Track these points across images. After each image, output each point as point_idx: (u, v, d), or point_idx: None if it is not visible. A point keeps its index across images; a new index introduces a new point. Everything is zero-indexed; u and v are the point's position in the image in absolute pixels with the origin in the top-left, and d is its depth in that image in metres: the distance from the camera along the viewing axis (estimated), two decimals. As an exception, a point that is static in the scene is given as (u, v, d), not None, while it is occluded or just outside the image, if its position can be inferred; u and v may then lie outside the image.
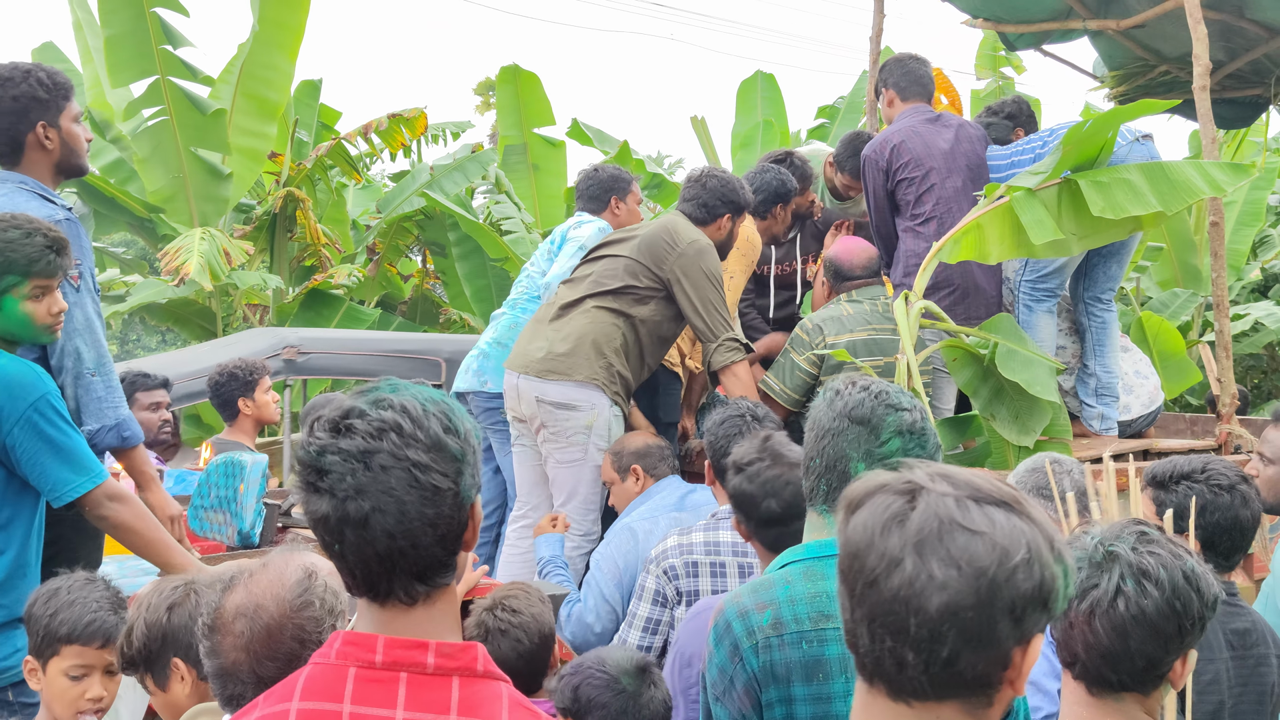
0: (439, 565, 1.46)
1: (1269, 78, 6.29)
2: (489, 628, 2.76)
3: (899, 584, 1.21)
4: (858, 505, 1.29)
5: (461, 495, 1.45)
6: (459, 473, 1.44)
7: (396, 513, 1.41)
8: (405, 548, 1.42)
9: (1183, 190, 4.06)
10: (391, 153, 11.57)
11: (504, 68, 12.41)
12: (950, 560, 1.20)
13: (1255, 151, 11.35)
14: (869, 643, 1.25)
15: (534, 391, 4.21)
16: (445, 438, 1.44)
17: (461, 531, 1.47)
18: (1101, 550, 1.83)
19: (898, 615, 1.21)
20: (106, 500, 2.91)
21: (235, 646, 1.85)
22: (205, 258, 9.06)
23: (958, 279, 4.60)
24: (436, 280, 13.03)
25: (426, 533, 1.43)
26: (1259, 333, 11.87)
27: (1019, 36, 6.72)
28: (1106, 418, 4.89)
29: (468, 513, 1.47)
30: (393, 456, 1.41)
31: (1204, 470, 2.62)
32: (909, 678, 1.24)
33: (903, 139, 4.67)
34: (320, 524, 1.44)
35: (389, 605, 1.47)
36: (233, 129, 10.09)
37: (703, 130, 13.76)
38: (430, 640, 1.45)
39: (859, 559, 1.25)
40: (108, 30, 9.38)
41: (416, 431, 1.42)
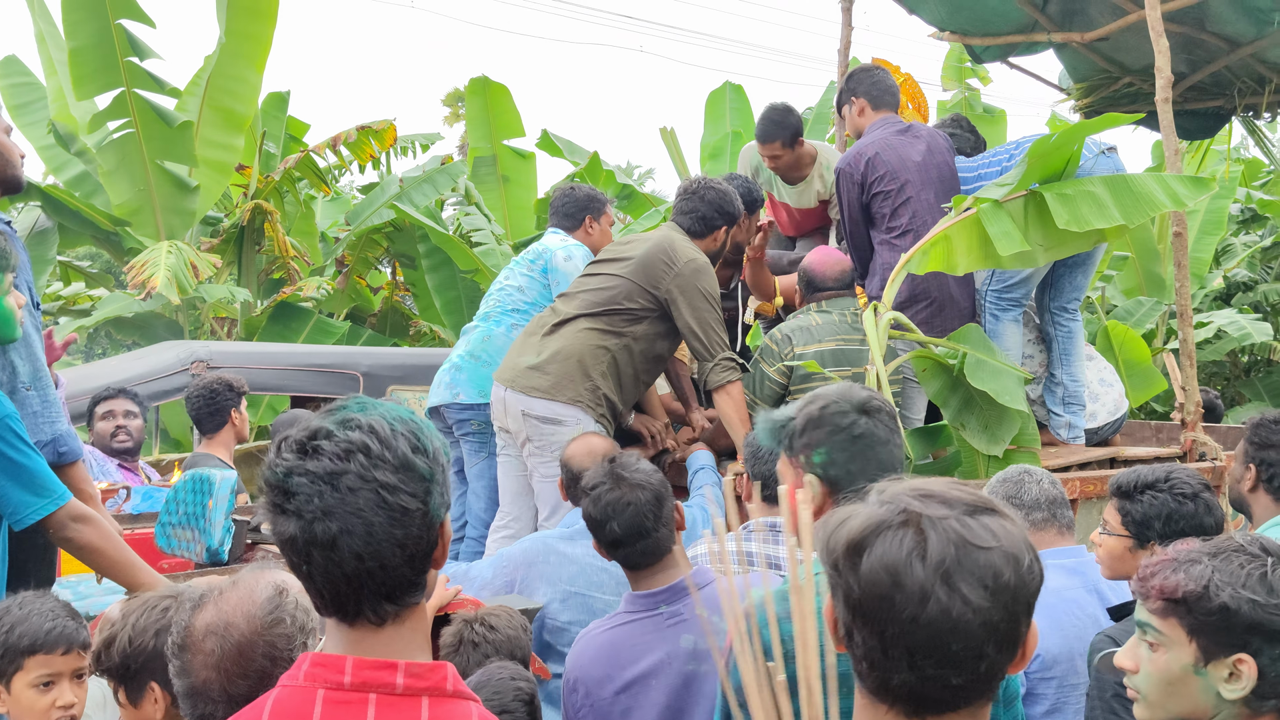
0: (408, 585, 1.46)
1: (1230, 89, 6.38)
2: (463, 639, 2.76)
3: (937, 614, 1.26)
4: (863, 544, 1.31)
5: (430, 514, 1.45)
6: (428, 492, 1.44)
7: (364, 534, 1.40)
8: (374, 569, 1.41)
9: (1145, 203, 4.11)
10: (360, 165, 11.54)
11: (473, 79, 12.42)
12: (978, 583, 1.27)
13: (1218, 161, 11.52)
14: (907, 673, 1.29)
15: (520, 405, 4.21)
16: (414, 458, 1.43)
17: (431, 550, 1.47)
18: None
19: (941, 644, 1.27)
20: (70, 522, 2.87)
21: (206, 665, 1.83)
22: (172, 271, 9.00)
23: (935, 291, 4.62)
24: (406, 292, 13.00)
25: (395, 553, 1.42)
26: (1222, 340, 12.03)
27: (985, 49, 6.79)
28: (1074, 426, 4.94)
29: (437, 531, 1.47)
30: (360, 478, 1.40)
31: (1167, 479, 2.67)
32: (949, 692, 1.30)
33: (877, 151, 4.67)
34: (288, 545, 1.43)
35: (358, 625, 1.46)
36: (199, 141, 10.03)
37: (672, 141, 13.80)
38: (399, 660, 1.44)
39: (888, 600, 1.28)
40: (72, 42, 9.30)
41: (385, 452, 1.41)
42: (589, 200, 4.88)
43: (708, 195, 4.48)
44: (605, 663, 2.54)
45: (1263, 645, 1.75)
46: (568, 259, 4.72)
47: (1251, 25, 5.68)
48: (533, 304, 4.69)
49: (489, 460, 4.56)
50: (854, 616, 1.31)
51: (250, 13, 9.89)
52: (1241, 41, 5.88)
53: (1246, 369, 13.49)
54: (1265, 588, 1.76)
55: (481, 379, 4.59)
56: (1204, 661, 1.78)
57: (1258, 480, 3.05)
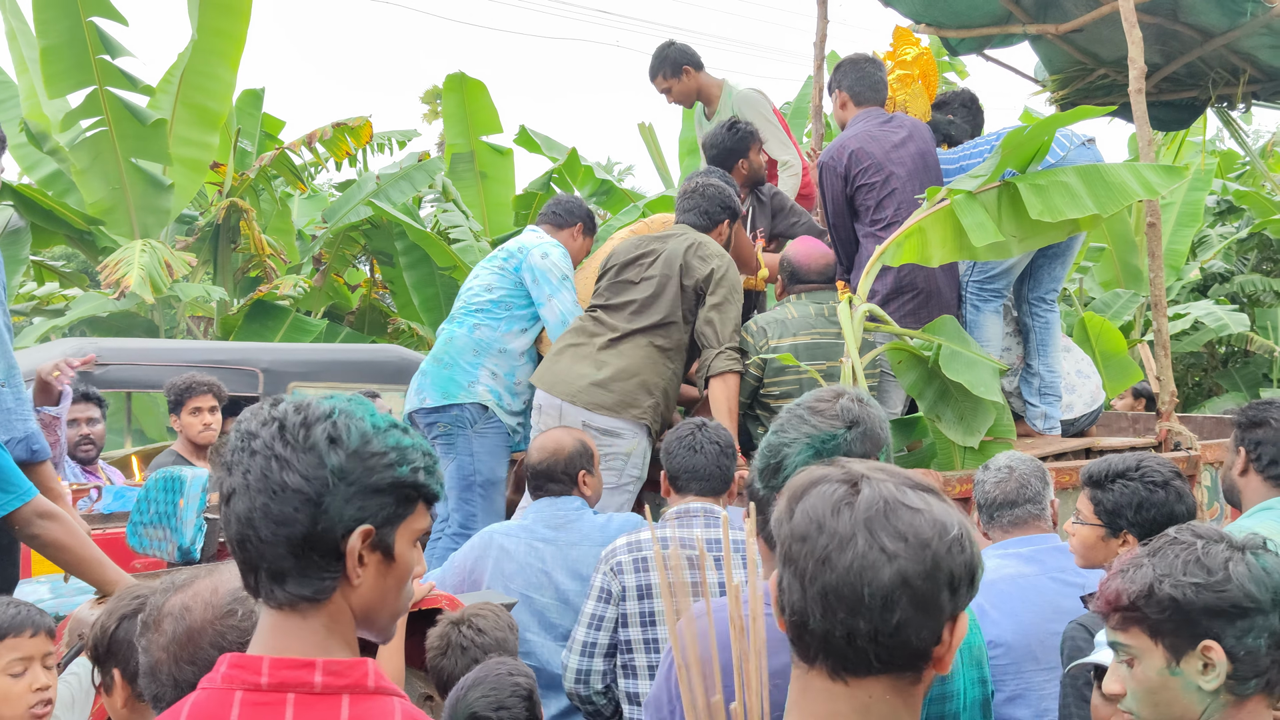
0: (293, 573, 1.44)
1: (1204, 80, 6.40)
2: (451, 642, 2.74)
3: (851, 558, 1.30)
4: (801, 494, 1.37)
5: (322, 508, 1.42)
6: (325, 485, 1.42)
7: (247, 499, 1.43)
8: (251, 537, 1.43)
9: (1118, 193, 4.11)
10: (337, 162, 11.48)
11: (450, 75, 12.35)
12: (898, 534, 1.31)
13: (1194, 153, 11.58)
14: (820, 619, 1.31)
15: (581, 417, 4.31)
16: (324, 446, 1.44)
17: (320, 546, 1.43)
18: None
19: (852, 587, 1.30)
20: (36, 518, 2.85)
21: (159, 646, 1.84)
22: (146, 270, 8.92)
23: (921, 283, 4.60)
24: (384, 290, 12.94)
25: (270, 529, 1.42)
26: (1199, 331, 12.10)
27: (960, 41, 6.78)
28: (1050, 417, 4.94)
29: (330, 530, 1.43)
30: (266, 445, 1.44)
31: (1138, 468, 2.67)
32: (857, 649, 1.31)
33: (860, 144, 4.66)
34: None
35: (269, 610, 1.47)
36: (173, 139, 9.96)
37: (650, 137, 13.79)
38: (318, 658, 1.44)
39: (809, 541, 1.33)
40: (44, 40, 9.21)
41: (298, 431, 1.44)
42: (588, 214, 5.05)
43: (709, 192, 4.61)
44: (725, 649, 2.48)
45: (1223, 627, 1.73)
46: (544, 256, 4.72)
47: (1224, 16, 5.69)
48: (500, 302, 4.70)
49: (456, 462, 4.60)
50: (784, 564, 1.35)
51: (223, 9, 9.82)
52: (1215, 32, 5.89)
53: (1224, 360, 13.57)
54: (1203, 570, 1.75)
55: (445, 380, 4.66)
56: (1175, 660, 1.77)
57: (1247, 463, 3.02)
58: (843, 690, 1.34)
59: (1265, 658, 1.74)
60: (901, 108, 5.12)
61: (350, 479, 1.44)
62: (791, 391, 4.37)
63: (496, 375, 4.68)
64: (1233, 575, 1.74)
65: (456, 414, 4.60)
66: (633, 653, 3.20)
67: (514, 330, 4.72)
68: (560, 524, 3.64)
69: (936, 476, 3.97)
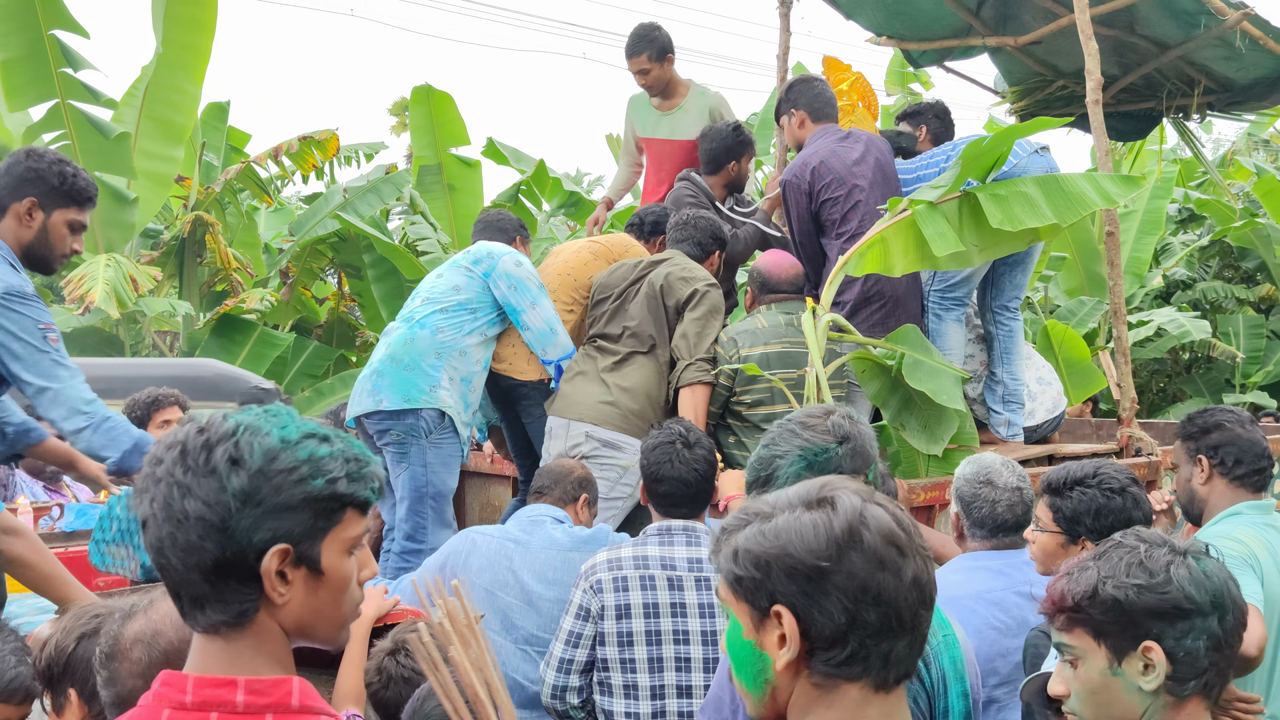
0: (210, 599, 1.40)
1: (1161, 91, 6.50)
2: (391, 675, 2.62)
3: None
4: (856, 530, 1.40)
5: (229, 533, 1.38)
6: (228, 510, 1.38)
7: (155, 528, 1.40)
8: (164, 565, 1.40)
9: (1076, 202, 4.17)
10: (304, 175, 11.43)
11: (417, 88, 12.33)
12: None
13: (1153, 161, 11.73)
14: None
15: (584, 429, 4.42)
16: (224, 468, 1.38)
17: (232, 570, 1.39)
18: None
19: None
20: (1, 534, 2.82)
21: (133, 673, 1.82)
22: (111, 285, 8.85)
23: (889, 292, 4.66)
24: (353, 303, 12.90)
25: (177, 557, 1.39)
26: (1162, 338, 12.25)
27: (922, 53, 6.86)
28: (1013, 424, 5.00)
29: (241, 553, 1.39)
30: (168, 472, 1.40)
31: (1095, 475, 2.70)
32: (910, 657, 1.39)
33: (822, 159, 4.71)
34: None
35: (196, 633, 1.45)
36: (137, 153, 9.89)
37: (618, 149, 13.81)
38: (239, 677, 1.41)
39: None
40: (4, 53, 9.13)
41: (199, 455, 1.39)
42: (520, 226, 5.10)
43: (700, 223, 4.81)
44: None
45: (1164, 628, 1.77)
46: (519, 264, 4.70)
47: (1179, 28, 5.79)
48: (465, 305, 4.57)
49: (409, 472, 4.49)
50: (862, 599, 1.35)
51: (188, 23, 9.77)
52: (1170, 44, 5.99)
53: (1187, 365, 13.74)
54: (1145, 572, 1.79)
55: (405, 383, 4.47)
56: (1117, 661, 1.80)
57: (1211, 470, 3.05)
58: (879, 699, 1.38)
59: (1204, 659, 1.77)
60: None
61: (256, 499, 1.39)
62: (762, 399, 4.40)
63: (454, 380, 4.58)
64: (1174, 578, 1.78)
65: (412, 422, 4.43)
66: (609, 671, 3.18)
67: (475, 335, 4.61)
68: (534, 527, 3.66)
69: (902, 484, 4.01)
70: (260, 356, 10.41)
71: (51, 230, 3.30)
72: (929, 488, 4.09)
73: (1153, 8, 5.64)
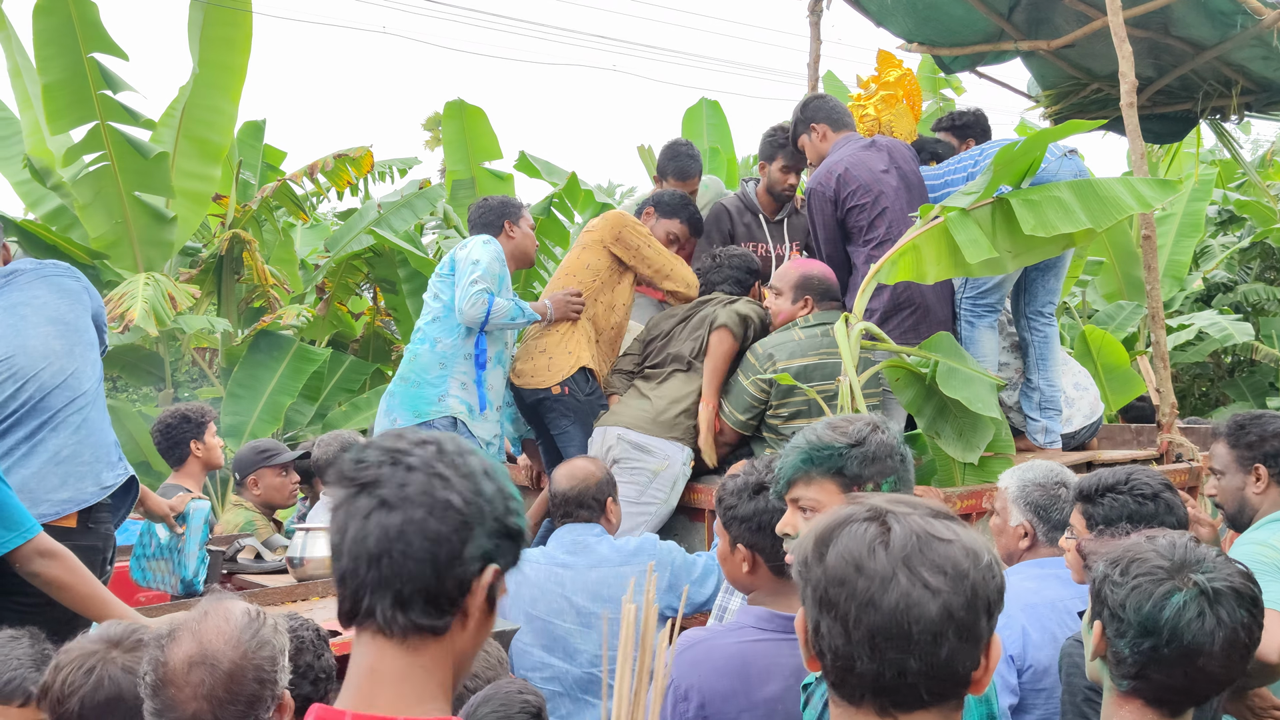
0: (420, 599, 1.38)
1: (1197, 92, 6.42)
2: None
3: (896, 598, 1.31)
4: (830, 536, 1.38)
5: (472, 534, 1.39)
6: (480, 513, 1.40)
7: (401, 511, 1.37)
8: (395, 553, 1.37)
9: (1111, 207, 4.13)
10: (339, 191, 11.52)
11: (449, 103, 12.40)
12: (937, 569, 1.32)
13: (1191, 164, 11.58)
14: (868, 660, 1.32)
15: (616, 433, 4.56)
16: (480, 474, 1.42)
17: (456, 576, 1.39)
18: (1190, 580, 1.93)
19: (900, 626, 1.30)
20: (37, 556, 2.85)
21: (195, 696, 1.84)
22: (150, 303, 8.94)
23: (918, 299, 4.64)
24: (388, 317, 12.96)
25: (421, 544, 1.37)
26: (1204, 341, 12.07)
27: (954, 59, 6.83)
28: (1050, 431, 4.95)
29: (470, 564, 1.39)
30: (425, 463, 1.40)
31: (1127, 481, 2.68)
32: (908, 685, 1.32)
33: (846, 167, 4.70)
34: (334, 515, 1.42)
35: (376, 639, 1.40)
36: (175, 172, 10.00)
37: (650, 159, 13.81)
38: (400, 717, 1.36)
39: (848, 584, 1.33)
40: (45, 77, 9.27)
41: (455, 456, 1.42)
42: (504, 206, 5.06)
43: (733, 261, 5.03)
44: (734, 677, 2.38)
45: (1109, 617, 1.92)
46: (464, 248, 4.80)
47: (1214, 29, 5.72)
48: (449, 307, 4.72)
49: None
50: (820, 609, 1.35)
51: (224, 43, 9.88)
52: (1206, 45, 5.92)
53: (1229, 369, 13.54)
54: (1116, 567, 1.95)
55: (414, 399, 4.66)
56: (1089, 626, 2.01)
57: (1270, 480, 3.01)
58: None
59: (1131, 666, 1.89)
60: (886, 127, 5.17)
61: (495, 514, 1.41)
62: (800, 412, 4.39)
63: (466, 385, 4.70)
64: (1126, 583, 1.90)
65: None
66: None
67: (471, 335, 4.72)
68: (579, 549, 3.67)
69: (937, 493, 3.98)
70: (297, 372, 10.49)
71: None
72: (965, 496, 4.05)
73: (1188, 9, 5.58)
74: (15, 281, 3.38)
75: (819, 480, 2.19)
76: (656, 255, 4.95)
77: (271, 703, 1.93)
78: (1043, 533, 3.09)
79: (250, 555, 4.10)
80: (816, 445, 2.18)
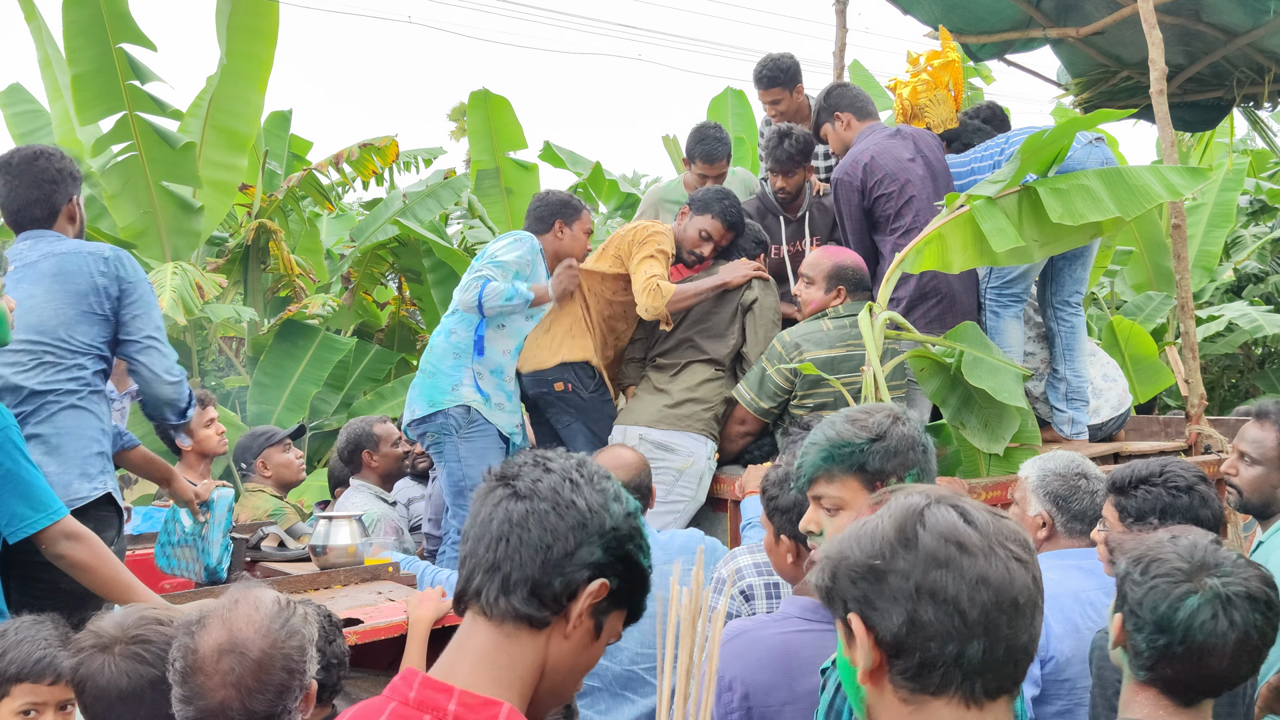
0: (529, 585, 1.45)
1: (1229, 80, 6.35)
2: None
3: (1001, 571, 1.31)
4: (912, 525, 1.35)
5: (588, 540, 1.47)
6: (601, 525, 1.48)
7: (529, 503, 1.47)
8: (513, 538, 1.46)
9: (1140, 195, 4.08)
10: (364, 181, 11.54)
11: (474, 93, 12.41)
12: (1017, 542, 1.34)
13: (1223, 154, 11.45)
14: (982, 639, 1.29)
15: (638, 432, 4.53)
16: (611, 495, 1.52)
17: (564, 575, 1.46)
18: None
19: (1011, 599, 1.30)
20: (63, 538, 2.86)
21: (224, 684, 1.85)
22: (178, 292, 9.00)
23: (944, 289, 4.61)
24: (413, 307, 13.00)
25: (539, 533, 1.45)
26: (1234, 333, 11.94)
27: (981, 47, 6.77)
28: (1077, 422, 4.90)
29: (580, 569, 1.46)
30: (563, 469, 1.52)
31: (1161, 473, 2.64)
32: (1014, 662, 1.31)
33: (872, 156, 4.68)
34: (472, 506, 1.54)
35: (469, 614, 1.49)
36: (203, 162, 10.05)
37: (675, 149, 13.79)
38: (455, 687, 1.43)
39: (954, 564, 1.31)
40: (74, 68, 9.33)
41: (594, 474, 1.53)
42: (561, 206, 4.95)
43: (742, 245, 4.99)
44: (777, 669, 2.37)
45: (1128, 613, 2.00)
46: (494, 243, 4.81)
47: (1247, 15, 5.65)
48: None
49: (445, 469, 4.66)
50: (918, 597, 1.29)
51: (251, 33, 9.92)
52: (1238, 31, 5.85)
53: (1260, 361, 13.39)
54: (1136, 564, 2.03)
55: (430, 389, 4.70)
56: None
57: None
58: (975, 715, 1.30)
59: (1145, 658, 1.98)
60: (921, 110, 5.12)
61: (617, 534, 1.49)
62: (826, 404, 4.36)
63: (483, 375, 4.71)
64: (1149, 583, 1.96)
65: (442, 421, 4.62)
66: None
67: (492, 328, 4.72)
68: None
69: (962, 484, 3.95)
70: (323, 361, 10.54)
71: (83, 214, 3.57)
72: (990, 487, 4.02)
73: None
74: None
75: (841, 477, 2.16)
76: (645, 268, 4.72)
77: (300, 692, 1.95)
78: (1061, 523, 3.07)
79: (274, 543, 4.12)
80: (837, 442, 2.15)
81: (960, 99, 5.55)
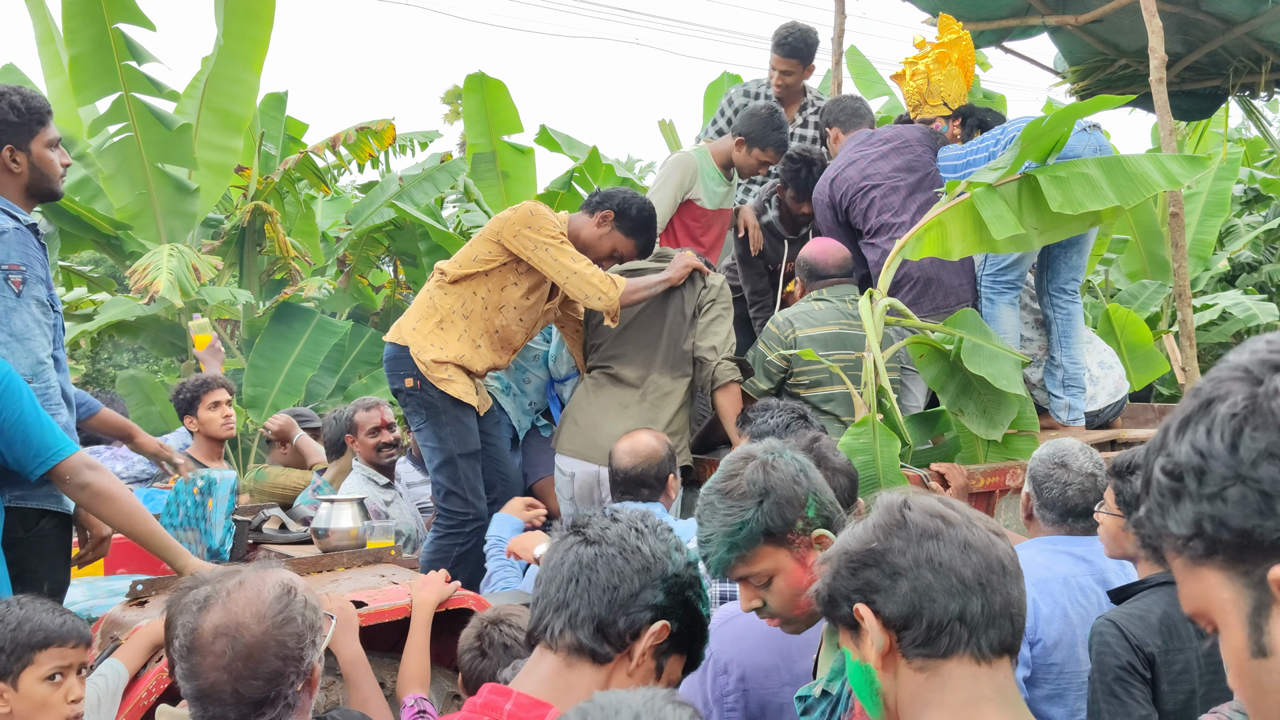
0: (594, 622, 1.61)
1: (1227, 69, 6.36)
2: (493, 640, 2.71)
3: (983, 538, 1.44)
4: (900, 511, 1.48)
5: (651, 584, 1.63)
6: (663, 571, 1.66)
7: (597, 548, 1.65)
8: (582, 579, 1.63)
9: (1139, 183, 4.10)
10: (360, 164, 11.52)
11: (470, 76, 12.38)
12: (986, 524, 1.47)
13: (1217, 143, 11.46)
14: (979, 595, 1.40)
15: (601, 473, 4.42)
16: (674, 548, 1.69)
17: (628, 615, 1.62)
18: None
19: (997, 560, 1.42)
20: (84, 468, 2.88)
21: (216, 666, 1.84)
22: (174, 274, 8.99)
23: (915, 272, 4.67)
24: (408, 290, 13.00)
25: (606, 575, 1.62)
26: (1227, 321, 12.00)
27: (980, 34, 6.77)
28: (1074, 409, 4.93)
29: (643, 611, 1.63)
30: (629, 519, 1.71)
31: (1159, 459, 2.66)
32: (1013, 616, 1.42)
33: (837, 172, 4.93)
34: (546, 554, 1.73)
35: (538, 649, 1.67)
36: (198, 143, 10.03)
37: (671, 134, 13.78)
38: (513, 690, 1.57)
39: (943, 535, 1.43)
40: (71, 49, 9.30)
41: (658, 525, 1.71)
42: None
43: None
44: (775, 651, 2.34)
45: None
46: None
47: (1245, 4, 5.67)
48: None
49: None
50: (916, 569, 1.41)
51: (247, 15, 9.88)
52: (1236, 20, 5.86)
53: (1252, 350, 13.44)
54: None
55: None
56: None
57: None
58: (986, 672, 1.38)
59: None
60: (936, 87, 5.16)
61: (679, 581, 1.68)
62: (821, 379, 4.40)
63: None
64: None
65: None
66: None
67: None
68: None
69: (960, 470, 3.98)
70: (318, 344, 10.55)
71: (39, 162, 3.25)
72: (988, 473, 4.05)
73: (1219, -17, 5.53)
74: None
75: (752, 553, 2.00)
76: (555, 258, 4.39)
77: (297, 679, 1.91)
78: (1035, 507, 3.10)
79: (275, 525, 4.13)
80: (732, 526, 1.98)
81: (970, 75, 5.51)
